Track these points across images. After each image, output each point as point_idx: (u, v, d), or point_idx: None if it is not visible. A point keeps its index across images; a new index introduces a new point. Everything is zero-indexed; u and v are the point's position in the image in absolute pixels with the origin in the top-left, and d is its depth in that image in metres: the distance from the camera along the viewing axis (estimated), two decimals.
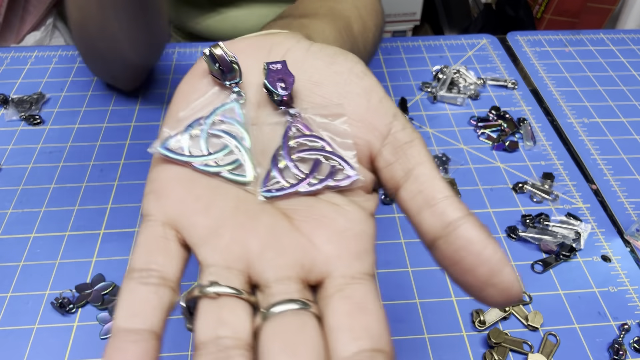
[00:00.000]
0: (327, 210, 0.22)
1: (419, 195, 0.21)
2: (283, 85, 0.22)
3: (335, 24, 0.37)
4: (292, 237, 0.21)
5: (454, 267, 0.20)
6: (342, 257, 0.20)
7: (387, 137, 0.22)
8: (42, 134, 0.56)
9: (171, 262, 0.20)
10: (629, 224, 0.48)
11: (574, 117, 0.60)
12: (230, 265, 0.20)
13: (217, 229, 0.20)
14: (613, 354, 0.39)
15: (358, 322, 0.18)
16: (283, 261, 0.20)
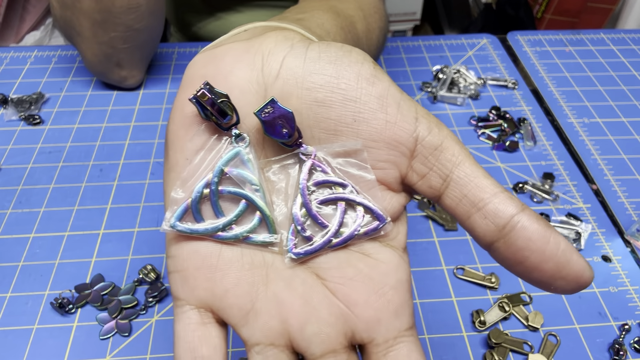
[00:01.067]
0: (359, 266, 0.20)
1: (464, 200, 0.20)
2: (285, 129, 0.20)
3: (337, 20, 0.34)
4: (329, 306, 0.20)
5: (518, 266, 0.19)
6: (382, 320, 0.20)
7: (415, 149, 0.20)
8: (42, 134, 0.56)
9: (215, 350, 0.20)
10: (630, 224, 0.48)
11: (574, 117, 0.60)
12: (273, 342, 0.20)
13: (253, 306, 0.20)
14: (613, 354, 0.39)
15: None
16: (325, 336, 0.20)
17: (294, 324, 0.20)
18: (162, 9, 0.58)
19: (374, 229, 0.21)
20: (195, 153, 0.20)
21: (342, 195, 0.21)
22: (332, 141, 0.21)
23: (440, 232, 0.47)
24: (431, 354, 0.39)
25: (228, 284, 0.20)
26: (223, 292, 0.20)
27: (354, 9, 0.41)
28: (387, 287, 0.20)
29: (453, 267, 0.45)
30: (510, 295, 0.42)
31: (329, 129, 0.20)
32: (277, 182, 0.21)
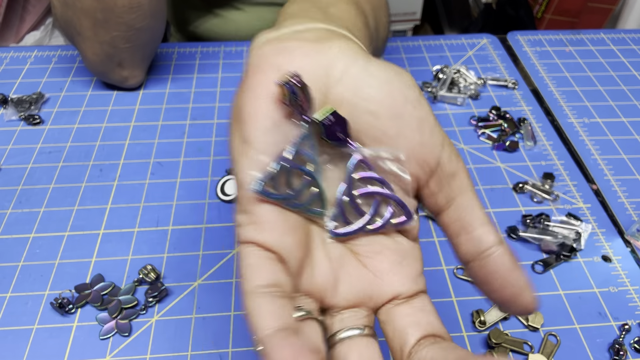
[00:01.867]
0: (384, 243, 0.25)
1: (457, 222, 0.24)
2: (340, 134, 0.23)
3: (360, 17, 0.35)
4: (360, 272, 0.25)
5: (484, 285, 0.23)
6: (404, 283, 0.24)
7: (437, 170, 0.24)
8: (42, 134, 0.56)
9: (285, 277, 0.22)
10: (630, 224, 0.48)
11: (574, 117, 0.60)
12: (310, 292, 0.23)
13: (306, 260, 0.23)
14: (614, 354, 0.39)
15: (420, 318, 0.24)
16: (355, 290, 0.24)
17: (330, 281, 0.24)
18: (164, 9, 0.58)
19: (402, 222, 0.25)
20: (270, 129, 0.23)
21: (380, 191, 0.24)
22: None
23: (440, 233, 0.47)
24: None
25: (294, 240, 0.23)
26: (289, 244, 0.23)
27: (365, 3, 0.41)
28: (406, 261, 0.25)
29: (453, 267, 0.45)
30: None
31: (374, 137, 0.24)
32: (328, 170, 0.25)
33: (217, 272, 0.44)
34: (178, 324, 0.40)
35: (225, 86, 0.62)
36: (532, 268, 0.45)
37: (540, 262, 0.45)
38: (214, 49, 0.68)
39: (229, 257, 0.45)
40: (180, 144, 0.55)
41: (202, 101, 0.60)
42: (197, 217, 0.48)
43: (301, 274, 0.23)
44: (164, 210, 0.48)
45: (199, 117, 0.58)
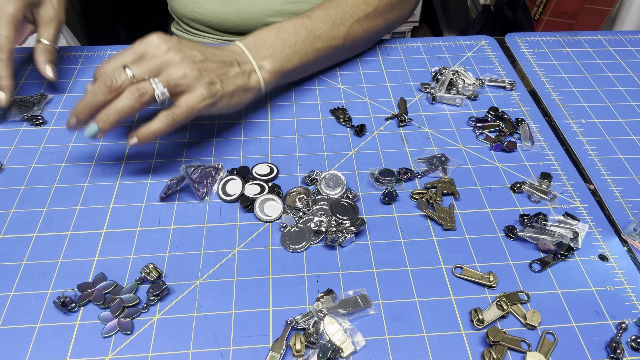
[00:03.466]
0: None
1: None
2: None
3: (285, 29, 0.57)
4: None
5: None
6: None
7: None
8: (45, 135, 0.56)
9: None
10: (626, 223, 0.49)
11: (571, 117, 0.61)
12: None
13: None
14: (610, 353, 0.39)
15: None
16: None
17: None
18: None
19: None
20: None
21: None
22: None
23: (439, 232, 0.48)
24: (430, 352, 0.39)
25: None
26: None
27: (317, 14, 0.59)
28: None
29: (451, 266, 0.45)
30: (508, 293, 0.43)
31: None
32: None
33: (218, 270, 0.44)
34: (179, 322, 0.41)
35: None
36: (529, 267, 0.45)
37: (538, 262, 0.46)
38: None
39: (230, 256, 0.45)
40: (181, 144, 0.55)
41: None
42: (199, 216, 0.48)
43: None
44: (166, 210, 0.49)
45: (200, 118, 0.59)
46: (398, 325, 0.41)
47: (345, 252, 0.46)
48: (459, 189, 0.51)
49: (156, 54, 0.47)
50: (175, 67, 0.47)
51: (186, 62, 0.48)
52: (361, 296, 0.42)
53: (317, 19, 0.58)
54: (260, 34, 0.56)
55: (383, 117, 0.60)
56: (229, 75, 0.51)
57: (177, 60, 0.47)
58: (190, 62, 0.48)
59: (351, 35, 0.61)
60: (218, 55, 0.51)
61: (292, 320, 0.40)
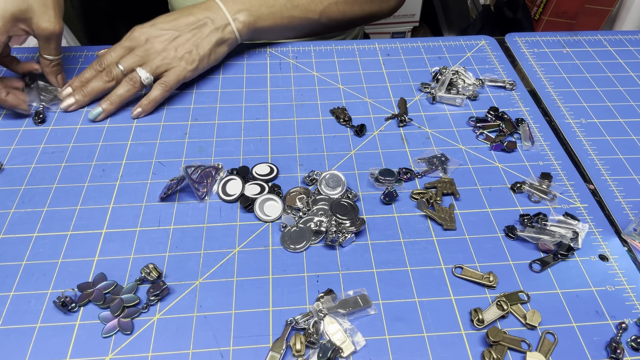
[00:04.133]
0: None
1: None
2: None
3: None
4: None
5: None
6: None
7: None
8: (45, 134, 0.56)
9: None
10: (627, 223, 0.49)
11: (571, 117, 0.61)
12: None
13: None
14: (611, 353, 0.39)
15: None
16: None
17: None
18: None
19: None
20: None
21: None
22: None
23: (439, 232, 0.48)
24: (430, 352, 0.39)
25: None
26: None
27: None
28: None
29: (452, 266, 0.45)
30: (508, 293, 0.43)
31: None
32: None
33: (218, 270, 0.44)
34: (179, 322, 0.41)
35: (226, 87, 0.63)
36: (529, 267, 0.45)
37: (538, 262, 0.46)
38: None
39: (230, 256, 0.45)
40: (181, 144, 0.55)
41: (203, 102, 0.61)
42: (199, 216, 0.48)
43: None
44: (166, 210, 0.49)
45: (200, 118, 0.59)
46: (398, 325, 0.41)
47: (345, 252, 0.46)
48: (459, 189, 0.51)
49: (139, 46, 0.59)
50: (154, 55, 0.58)
51: (162, 46, 0.59)
52: (361, 296, 0.42)
53: None
54: None
55: (383, 117, 0.60)
56: (203, 36, 0.60)
57: (155, 49, 0.59)
58: (167, 43, 0.59)
59: (327, 14, 0.68)
60: (191, 21, 0.60)
61: (292, 320, 0.40)
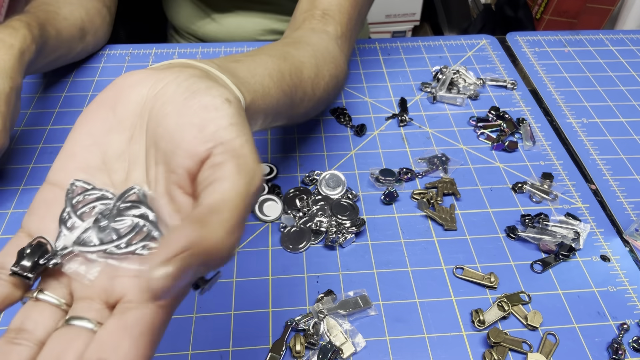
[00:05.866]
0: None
1: (198, 204, 0.24)
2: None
3: (279, 65, 0.39)
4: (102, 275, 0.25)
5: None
6: (134, 287, 0.23)
7: (206, 162, 0.25)
8: (43, 134, 0.56)
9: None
10: (628, 223, 0.49)
11: (573, 117, 0.60)
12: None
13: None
14: (612, 354, 0.39)
15: (112, 339, 0.21)
16: (92, 288, 0.25)
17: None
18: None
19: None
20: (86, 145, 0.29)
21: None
22: (160, 146, 0.26)
23: (440, 232, 0.47)
24: (430, 353, 0.39)
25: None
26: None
27: (308, 57, 0.44)
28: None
29: (452, 266, 0.45)
30: (509, 294, 0.43)
31: (158, 134, 0.26)
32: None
33: None
34: (179, 323, 0.41)
35: None
36: (531, 268, 0.45)
37: (539, 262, 0.45)
38: (215, 50, 0.68)
39: None
40: None
41: None
42: None
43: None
44: None
45: None
46: (398, 326, 0.41)
47: (345, 252, 0.46)
48: (460, 189, 0.51)
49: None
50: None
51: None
52: (361, 297, 0.42)
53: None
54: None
55: (383, 116, 0.59)
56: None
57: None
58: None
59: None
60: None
61: (291, 321, 0.40)
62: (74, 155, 0.28)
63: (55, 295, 0.25)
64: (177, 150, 0.25)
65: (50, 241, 0.25)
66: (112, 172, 0.28)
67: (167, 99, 0.26)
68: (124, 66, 0.65)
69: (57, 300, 0.25)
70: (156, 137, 0.26)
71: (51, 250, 0.25)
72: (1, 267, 0.25)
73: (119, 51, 0.67)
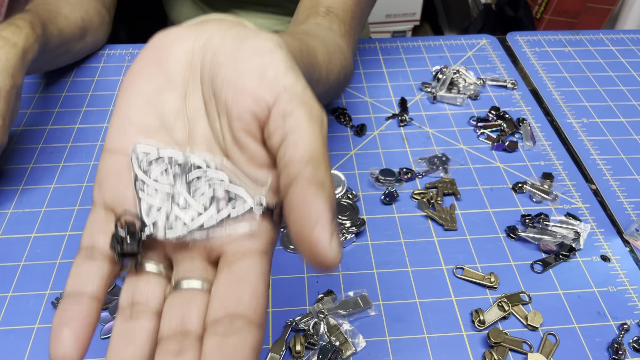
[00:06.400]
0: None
1: (282, 159, 0.23)
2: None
3: (296, 44, 0.38)
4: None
5: (289, 226, 0.22)
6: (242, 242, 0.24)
7: (273, 108, 0.24)
8: (43, 134, 0.56)
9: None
10: (628, 223, 0.49)
11: (573, 117, 0.60)
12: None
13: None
14: (612, 354, 0.39)
15: (231, 291, 0.22)
16: (191, 249, 0.25)
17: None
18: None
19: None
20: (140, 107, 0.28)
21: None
22: (220, 96, 0.25)
23: (440, 232, 0.47)
24: (431, 354, 0.39)
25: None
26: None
27: (319, 44, 0.44)
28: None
29: (452, 266, 0.45)
30: (509, 294, 0.43)
31: (217, 86, 0.25)
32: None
33: None
34: None
35: None
36: (531, 268, 0.45)
37: (540, 262, 0.45)
38: None
39: None
40: None
41: None
42: None
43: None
44: None
45: None
46: (398, 327, 0.41)
47: (345, 252, 0.46)
48: (460, 189, 0.51)
49: None
50: None
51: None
52: (361, 297, 0.42)
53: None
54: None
55: (383, 116, 0.59)
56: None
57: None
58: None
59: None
60: None
61: (291, 321, 0.40)
62: (130, 119, 0.26)
63: (154, 262, 0.25)
64: (240, 98, 0.25)
65: (135, 212, 0.24)
66: (172, 131, 0.27)
67: (218, 49, 0.26)
68: (123, 66, 0.65)
69: (156, 267, 0.25)
70: (214, 88, 0.26)
71: (141, 222, 0.24)
72: (93, 247, 0.24)
73: (118, 51, 0.67)
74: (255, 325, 0.21)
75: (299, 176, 0.22)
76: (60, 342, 0.22)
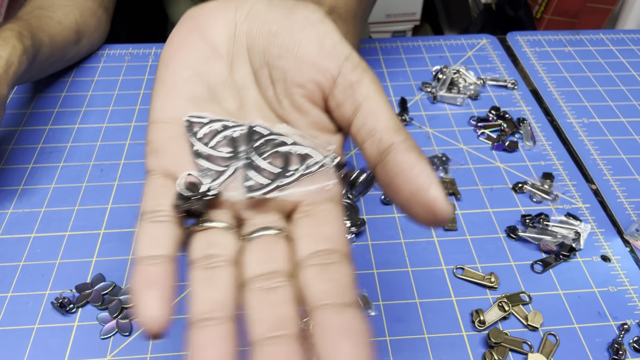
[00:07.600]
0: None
1: (363, 128, 0.24)
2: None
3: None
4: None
5: (387, 188, 0.23)
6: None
7: (338, 78, 0.25)
8: (42, 134, 0.56)
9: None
10: (629, 224, 0.48)
11: (573, 117, 0.60)
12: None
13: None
14: (613, 354, 0.39)
15: (317, 231, 0.23)
16: (265, 203, 0.24)
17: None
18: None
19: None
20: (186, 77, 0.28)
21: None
22: (276, 64, 0.26)
23: (440, 232, 0.47)
24: (431, 354, 0.39)
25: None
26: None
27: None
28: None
29: (453, 266, 0.45)
30: (509, 294, 0.43)
31: (277, 55, 0.26)
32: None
33: None
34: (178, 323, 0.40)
35: None
36: (531, 268, 0.45)
37: (540, 262, 0.45)
38: None
39: None
40: None
41: None
42: None
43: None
44: None
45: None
46: (398, 327, 0.41)
47: None
48: (460, 189, 0.51)
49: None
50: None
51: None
52: (361, 297, 0.42)
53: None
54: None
55: None
56: None
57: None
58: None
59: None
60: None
61: None
62: (177, 90, 0.26)
63: (221, 220, 0.24)
64: (302, 66, 0.25)
65: (199, 174, 0.24)
66: (222, 100, 0.27)
67: (266, 19, 0.26)
68: (123, 66, 0.65)
69: (224, 225, 0.24)
70: (268, 57, 0.26)
71: (203, 183, 0.24)
72: (158, 211, 0.23)
73: (118, 51, 0.67)
74: (350, 260, 0.22)
75: (396, 143, 0.23)
76: (147, 304, 0.21)
